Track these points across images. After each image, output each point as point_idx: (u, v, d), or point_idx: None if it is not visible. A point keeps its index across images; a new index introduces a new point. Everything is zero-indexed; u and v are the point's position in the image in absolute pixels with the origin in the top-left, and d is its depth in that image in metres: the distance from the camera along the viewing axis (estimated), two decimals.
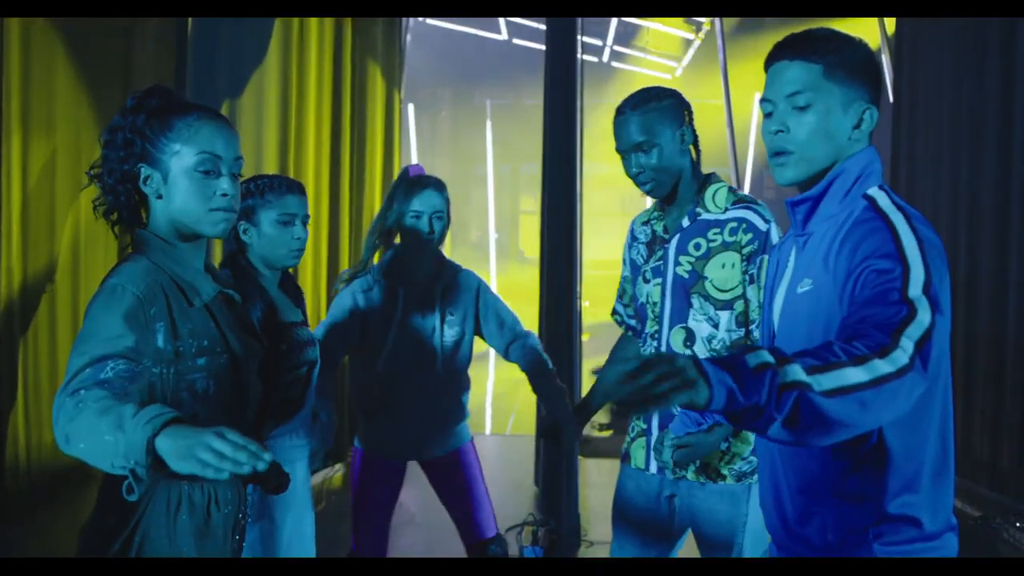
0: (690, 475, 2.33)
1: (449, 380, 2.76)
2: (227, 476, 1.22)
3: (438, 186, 2.73)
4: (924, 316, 1.33)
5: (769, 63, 1.61)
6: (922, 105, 5.52)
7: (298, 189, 2.43)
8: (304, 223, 2.43)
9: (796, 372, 1.23)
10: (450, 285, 2.77)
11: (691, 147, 2.37)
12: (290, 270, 2.56)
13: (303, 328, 2.45)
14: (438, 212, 2.69)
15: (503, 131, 11.96)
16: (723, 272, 2.28)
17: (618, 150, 2.37)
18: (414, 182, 2.71)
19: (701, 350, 2.30)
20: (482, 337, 2.84)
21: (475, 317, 2.79)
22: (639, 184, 2.35)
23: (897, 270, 1.38)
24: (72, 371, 1.42)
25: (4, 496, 3.57)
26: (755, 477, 2.28)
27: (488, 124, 12.08)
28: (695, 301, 2.30)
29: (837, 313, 1.46)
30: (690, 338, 2.31)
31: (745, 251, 2.27)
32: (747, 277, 2.27)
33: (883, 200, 1.53)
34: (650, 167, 2.30)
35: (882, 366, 1.27)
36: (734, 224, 2.30)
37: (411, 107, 10.95)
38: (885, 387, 1.26)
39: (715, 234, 2.30)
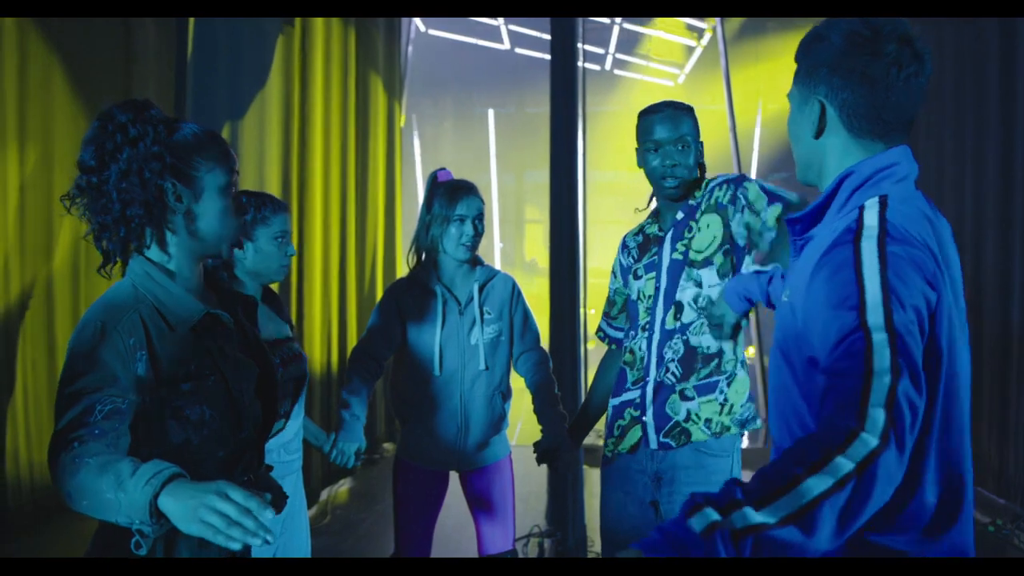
0: (698, 434, 2.41)
1: (488, 384, 2.77)
2: (239, 547, 1.22)
3: (476, 190, 2.81)
4: (882, 377, 1.22)
5: None
6: (925, 107, 5.50)
7: (286, 207, 2.55)
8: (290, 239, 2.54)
9: (744, 517, 1.16)
10: (488, 285, 2.81)
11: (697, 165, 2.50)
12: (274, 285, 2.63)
13: (290, 344, 2.52)
14: (480, 214, 2.75)
15: (506, 140, 11.96)
16: (700, 235, 2.40)
17: (655, 139, 2.42)
18: (455, 187, 2.78)
19: (688, 313, 2.40)
20: None
21: (510, 317, 2.82)
22: (669, 177, 2.41)
23: (855, 322, 1.27)
24: (62, 417, 1.41)
25: (4, 510, 3.56)
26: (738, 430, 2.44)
27: (491, 133, 12.08)
28: (683, 275, 2.41)
29: (803, 333, 1.38)
30: (678, 310, 2.41)
31: (724, 200, 2.36)
32: (737, 215, 2.30)
33: (870, 218, 1.37)
34: (685, 164, 2.41)
35: (844, 463, 1.17)
36: (708, 192, 2.42)
37: (414, 117, 10.96)
38: (859, 480, 1.17)
39: (701, 212, 2.41)
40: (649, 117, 2.45)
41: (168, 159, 1.60)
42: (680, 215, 2.46)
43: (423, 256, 2.81)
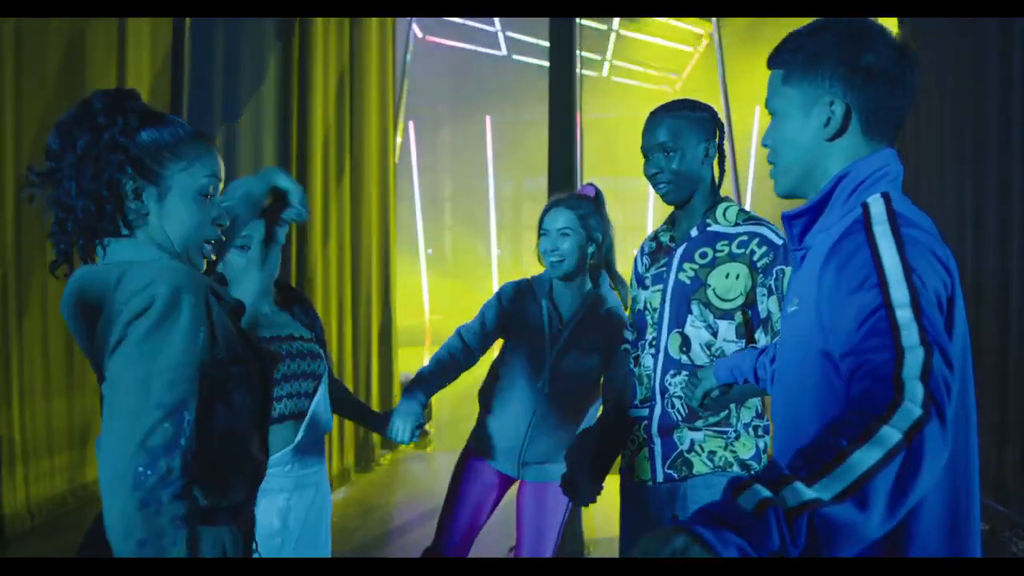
0: (703, 467, 2.31)
1: (561, 407, 2.69)
2: None
3: (571, 202, 2.65)
4: (915, 351, 1.17)
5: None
6: (924, 110, 5.50)
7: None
8: None
9: (797, 493, 1.05)
10: (594, 314, 2.68)
11: (714, 163, 2.40)
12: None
13: (304, 342, 2.39)
14: (565, 229, 2.61)
15: (504, 146, 11.97)
16: (726, 282, 2.29)
17: (642, 148, 2.39)
18: (553, 200, 2.68)
19: (699, 355, 2.30)
20: None
21: (607, 353, 2.66)
22: (656, 185, 2.37)
23: (877, 301, 1.22)
24: (143, 426, 1.30)
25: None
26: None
27: (489, 140, 12.09)
28: (695, 308, 2.31)
29: (822, 336, 1.32)
30: (686, 344, 2.31)
31: (760, 264, 2.27)
32: (765, 289, 2.26)
33: (877, 208, 1.34)
34: (669, 170, 2.33)
35: (892, 433, 1.09)
36: (744, 237, 2.31)
37: (411, 124, 10.96)
38: (909, 452, 1.09)
39: (723, 245, 2.31)
40: (645, 122, 2.40)
41: (132, 152, 1.47)
42: (694, 232, 2.35)
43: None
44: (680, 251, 2.36)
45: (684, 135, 2.34)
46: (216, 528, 1.51)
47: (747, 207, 2.45)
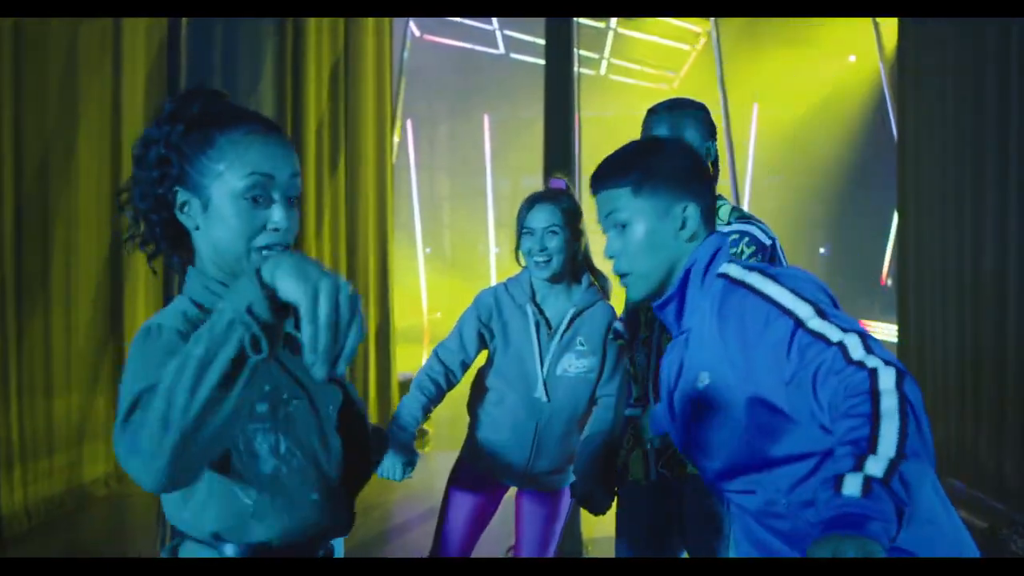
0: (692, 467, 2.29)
1: (569, 419, 2.55)
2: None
3: (557, 198, 2.51)
4: (850, 338, 1.35)
5: (593, 193, 1.65)
6: (925, 110, 5.50)
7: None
8: None
9: (878, 463, 1.21)
10: (587, 313, 2.56)
11: (711, 164, 2.35)
12: None
13: None
14: (552, 227, 2.47)
15: (501, 145, 11.96)
16: None
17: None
18: (533, 197, 2.52)
19: None
20: None
21: (603, 352, 2.56)
22: None
23: (789, 325, 1.40)
24: (124, 404, 1.14)
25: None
26: None
27: (486, 138, 12.08)
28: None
29: (748, 390, 1.47)
30: None
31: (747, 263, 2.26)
32: None
33: (736, 271, 1.53)
34: None
35: (888, 396, 1.27)
36: (736, 236, 2.29)
37: (409, 122, 10.95)
38: (910, 404, 1.26)
39: None
40: (647, 119, 2.36)
41: (175, 163, 1.33)
42: None
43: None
44: None
45: (685, 131, 2.31)
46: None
47: (745, 206, 2.42)
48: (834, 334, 1.37)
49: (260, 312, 1.03)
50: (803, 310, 1.41)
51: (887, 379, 1.28)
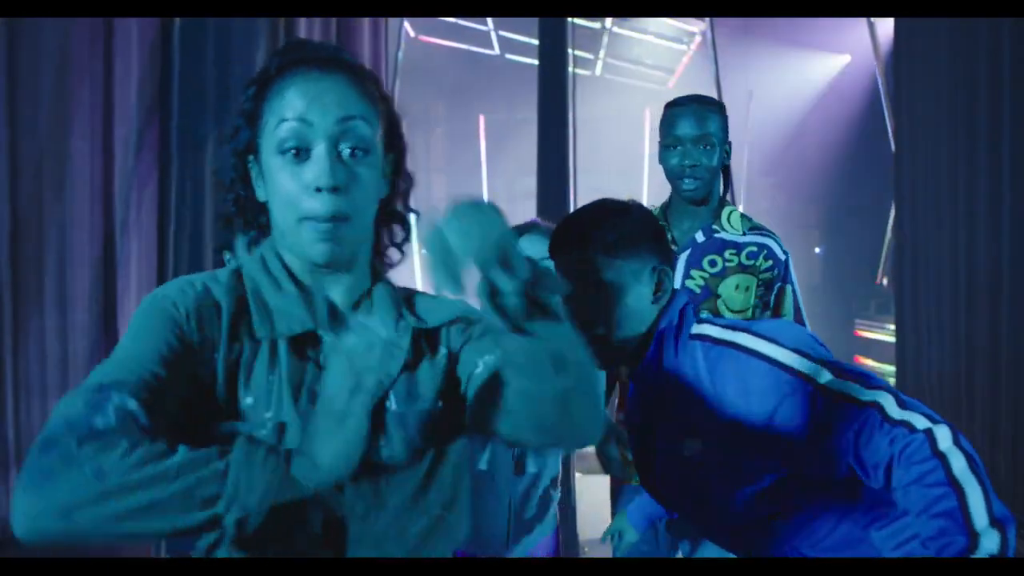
0: None
1: (541, 485, 2.24)
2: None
3: (543, 230, 2.25)
4: (879, 397, 1.32)
5: (556, 256, 1.56)
6: (920, 110, 5.51)
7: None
8: None
9: (992, 539, 1.25)
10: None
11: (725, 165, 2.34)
12: None
13: None
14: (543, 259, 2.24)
15: (497, 145, 11.94)
16: (736, 294, 2.24)
17: (676, 135, 2.24)
18: (522, 228, 2.25)
19: None
20: None
21: None
22: (686, 177, 2.23)
23: (807, 390, 1.35)
24: (92, 378, 0.99)
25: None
26: None
27: (482, 138, 12.06)
28: (704, 317, 2.27)
29: (749, 454, 1.41)
30: None
31: (763, 277, 2.25)
32: (761, 303, 2.24)
33: (714, 330, 1.48)
34: (707, 165, 2.23)
35: (955, 457, 1.27)
36: (753, 248, 2.26)
37: (404, 122, 10.93)
38: (964, 450, 1.29)
39: (732, 255, 2.26)
40: (672, 111, 2.27)
41: (244, 130, 1.14)
42: (700, 236, 2.27)
43: None
44: (686, 256, 2.28)
45: (724, 131, 2.26)
46: None
47: (740, 207, 2.41)
48: (860, 394, 1.32)
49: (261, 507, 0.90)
50: (822, 375, 1.35)
51: (943, 438, 1.27)
